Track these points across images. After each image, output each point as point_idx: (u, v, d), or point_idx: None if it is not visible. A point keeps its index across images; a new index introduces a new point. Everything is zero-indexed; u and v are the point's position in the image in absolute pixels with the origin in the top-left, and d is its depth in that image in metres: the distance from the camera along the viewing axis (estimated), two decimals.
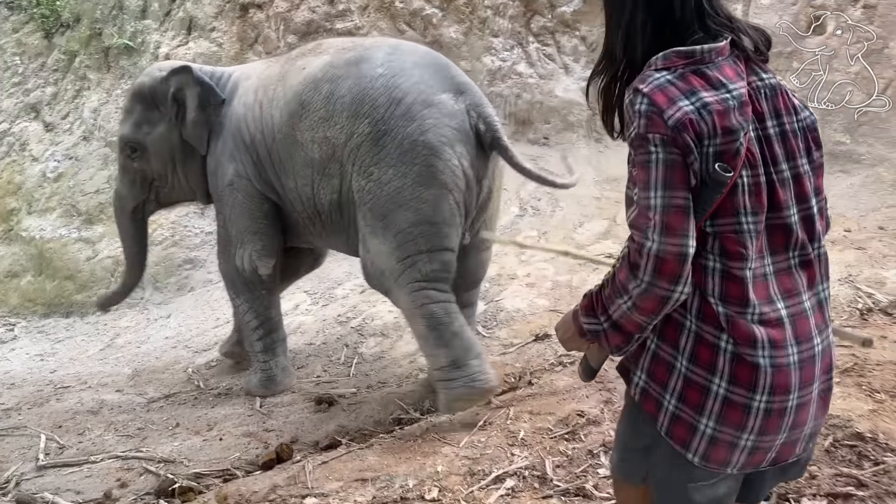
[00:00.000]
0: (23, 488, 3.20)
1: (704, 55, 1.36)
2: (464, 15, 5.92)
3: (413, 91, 3.24)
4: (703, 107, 1.31)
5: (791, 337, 1.38)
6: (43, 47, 6.66)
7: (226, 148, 3.74)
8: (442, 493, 2.77)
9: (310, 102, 3.40)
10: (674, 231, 1.30)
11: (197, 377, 4.23)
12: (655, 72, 1.35)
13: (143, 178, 3.99)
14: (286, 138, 3.50)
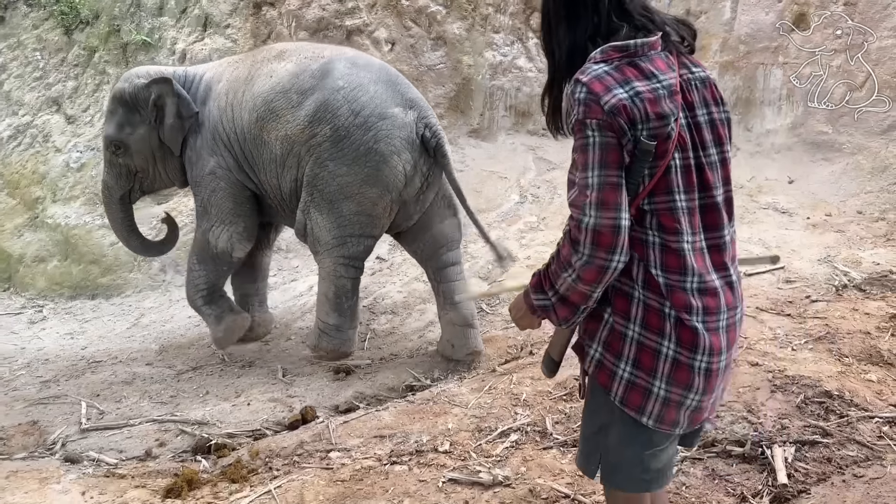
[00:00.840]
0: (69, 449, 3.51)
1: (638, 49, 1.52)
2: (466, 12, 6.20)
3: (370, 104, 3.90)
4: (635, 95, 1.47)
5: (723, 304, 1.56)
6: (63, 43, 6.93)
7: (205, 143, 4.24)
8: (453, 446, 3.08)
9: (278, 108, 4.00)
10: (608, 206, 1.44)
11: (221, 352, 4.52)
12: (594, 64, 1.51)
13: (128, 171, 4.49)
14: (255, 139, 4.08)
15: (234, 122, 4.13)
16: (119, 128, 4.37)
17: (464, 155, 6.19)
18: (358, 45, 6.14)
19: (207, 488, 2.95)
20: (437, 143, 3.96)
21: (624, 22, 1.55)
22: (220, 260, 4.30)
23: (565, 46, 1.59)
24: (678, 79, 1.54)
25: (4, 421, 3.81)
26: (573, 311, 1.57)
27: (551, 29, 1.62)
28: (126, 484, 3.05)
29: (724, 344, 1.56)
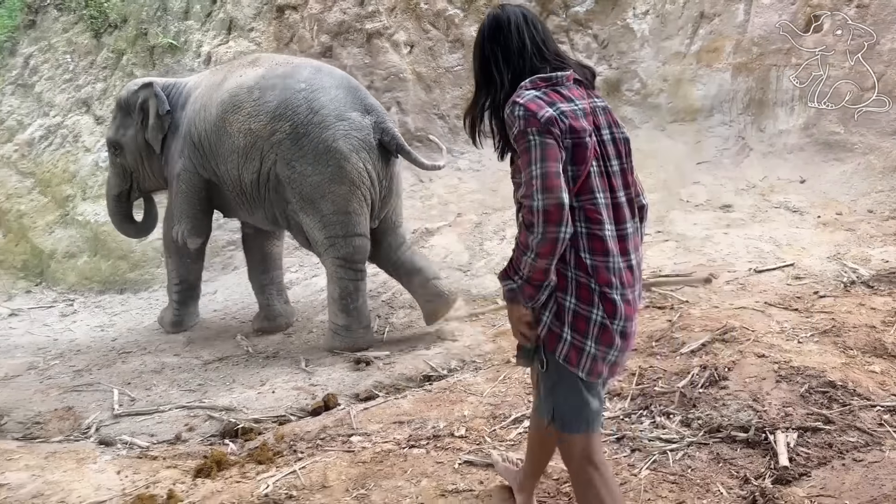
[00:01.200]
0: (102, 433, 3.69)
1: (559, 80, 1.97)
2: (483, 15, 6.33)
3: (329, 105, 4.20)
4: (561, 113, 1.88)
5: (631, 281, 1.97)
6: (92, 46, 7.15)
7: (177, 146, 4.69)
8: (468, 431, 3.22)
9: (241, 102, 4.34)
10: (552, 188, 1.81)
11: (245, 343, 4.69)
12: (526, 90, 1.93)
13: (124, 170, 5.03)
14: (218, 129, 4.42)
15: (205, 119, 4.50)
16: (116, 130, 4.95)
17: (480, 155, 6.32)
18: (377, 48, 6.30)
19: (235, 469, 3.10)
20: (396, 144, 4.34)
21: (544, 64, 2.01)
22: (182, 252, 4.85)
23: (499, 82, 2.01)
24: (588, 104, 1.97)
25: (41, 406, 4.00)
26: (537, 289, 1.93)
27: (488, 68, 2.04)
28: (158, 464, 3.22)
29: (631, 312, 1.98)
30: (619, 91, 6.24)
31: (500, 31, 2.04)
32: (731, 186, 5.75)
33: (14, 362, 4.80)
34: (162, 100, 4.71)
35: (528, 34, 2.03)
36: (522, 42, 2.02)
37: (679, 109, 6.17)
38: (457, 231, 5.78)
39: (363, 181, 4.22)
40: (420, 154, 4.80)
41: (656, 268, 4.72)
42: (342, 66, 6.30)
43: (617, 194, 1.96)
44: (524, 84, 1.95)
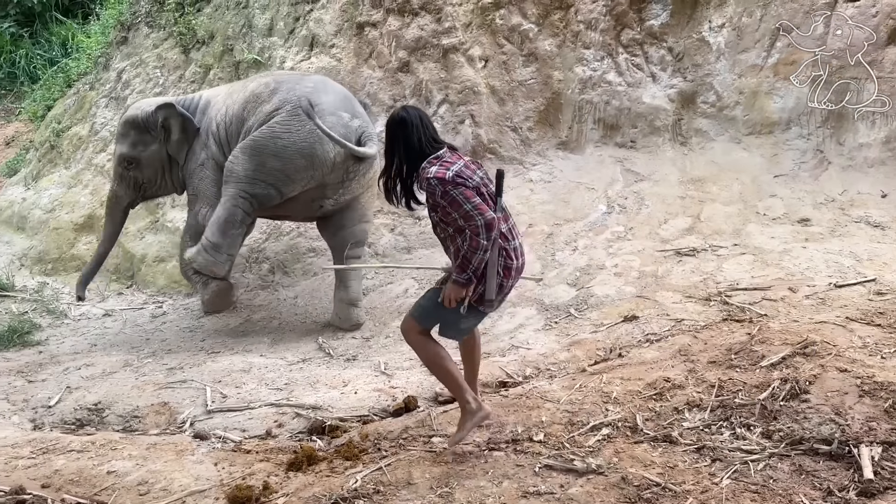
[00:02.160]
0: (197, 427, 3.91)
1: (444, 154, 3.10)
2: (558, 29, 6.44)
3: (324, 103, 5.05)
4: (457, 171, 3.02)
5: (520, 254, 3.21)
6: (181, 61, 7.53)
7: (200, 141, 5.42)
8: (547, 436, 3.30)
9: (258, 93, 5.21)
10: (483, 210, 2.96)
11: (327, 346, 4.89)
12: (431, 166, 3.04)
13: (135, 182, 5.59)
14: (237, 119, 5.24)
15: (226, 115, 5.31)
16: (132, 146, 5.45)
17: (552, 167, 6.41)
18: (453, 63, 6.46)
19: (325, 464, 3.27)
20: (365, 142, 5.11)
21: (429, 146, 3.10)
22: (200, 235, 5.30)
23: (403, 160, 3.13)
24: (465, 161, 3.14)
25: (138, 401, 4.26)
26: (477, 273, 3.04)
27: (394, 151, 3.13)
28: (252, 458, 3.41)
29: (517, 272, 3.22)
30: (693, 104, 6.23)
31: (404, 127, 3.11)
32: (809, 200, 5.67)
33: (111, 359, 5.10)
34: (189, 119, 5.38)
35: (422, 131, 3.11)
36: (418, 136, 3.10)
37: (755, 122, 6.12)
38: (528, 241, 5.84)
39: (323, 166, 5.04)
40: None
41: (734, 281, 4.71)
42: (418, 80, 6.50)
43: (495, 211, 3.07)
44: (426, 163, 3.07)
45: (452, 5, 6.47)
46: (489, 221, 2.94)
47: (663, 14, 6.31)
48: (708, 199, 5.76)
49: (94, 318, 6.10)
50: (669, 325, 4.29)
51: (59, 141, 8.00)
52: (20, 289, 6.58)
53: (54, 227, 7.10)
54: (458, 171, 3.01)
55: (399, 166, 3.13)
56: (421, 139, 3.09)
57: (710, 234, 5.41)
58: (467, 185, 3.00)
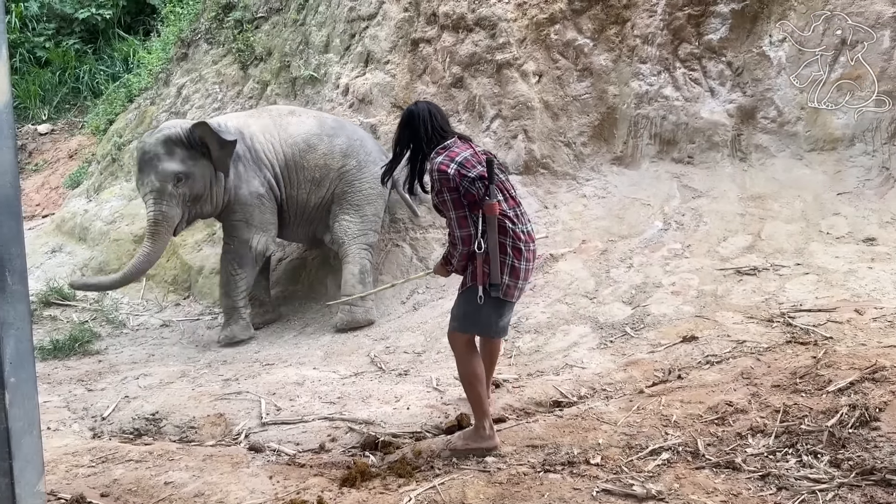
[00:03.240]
0: (252, 439, 3.94)
1: (452, 143, 3.36)
2: (613, 44, 6.37)
3: (373, 149, 6.16)
4: (460, 161, 3.28)
5: (532, 238, 3.42)
6: (239, 77, 7.70)
7: (249, 169, 5.76)
8: (604, 459, 3.23)
9: (315, 145, 5.94)
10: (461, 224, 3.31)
11: (378, 360, 4.89)
12: (437, 156, 3.32)
13: (184, 200, 5.61)
14: (295, 165, 5.89)
15: (275, 154, 5.85)
16: (182, 162, 5.55)
17: (606, 182, 6.33)
18: (507, 78, 6.45)
19: (378, 480, 3.25)
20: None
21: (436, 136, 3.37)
22: (257, 261, 5.82)
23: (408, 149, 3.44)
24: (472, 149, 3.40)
25: (195, 412, 4.31)
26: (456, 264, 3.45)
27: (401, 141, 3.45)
28: (306, 472, 3.41)
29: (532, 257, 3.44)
30: (753, 119, 6.09)
31: (412, 119, 3.40)
32: (874, 219, 5.47)
33: (168, 369, 5.20)
34: (224, 131, 5.58)
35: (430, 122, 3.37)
36: (425, 127, 3.36)
37: (818, 138, 5.94)
38: (582, 258, 5.79)
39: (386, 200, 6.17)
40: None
41: (797, 302, 4.57)
42: (472, 96, 6.50)
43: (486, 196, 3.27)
44: (435, 152, 3.35)
45: (507, 21, 6.46)
46: (464, 237, 3.30)
47: (722, 28, 6.20)
48: (769, 217, 5.61)
49: (152, 329, 6.23)
50: (730, 346, 4.17)
51: (120, 154, 8.24)
52: (81, 298, 6.76)
53: (114, 238, 7.29)
54: (461, 161, 3.26)
55: (408, 154, 3.44)
56: (428, 130, 3.35)
57: (772, 252, 5.26)
58: (469, 175, 3.24)
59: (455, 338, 3.49)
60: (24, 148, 10.55)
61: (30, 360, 2.60)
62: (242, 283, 5.76)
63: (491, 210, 3.25)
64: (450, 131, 3.43)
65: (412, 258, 6.24)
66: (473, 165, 3.28)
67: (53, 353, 5.68)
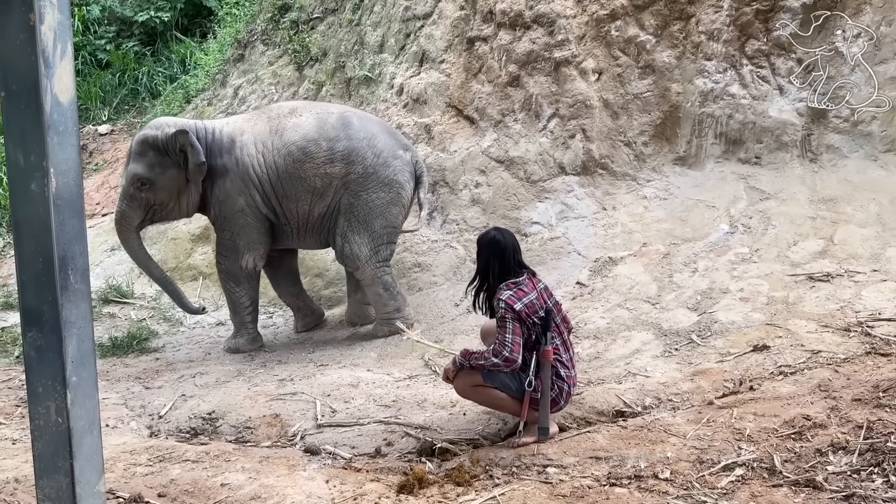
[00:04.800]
0: (307, 441, 3.89)
1: (523, 281, 3.55)
2: (677, 40, 6.17)
3: (385, 148, 5.40)
4: (527, 303, 3.47)
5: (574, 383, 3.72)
6: (295, 78, 7.71)
7: (234, 185, 5.31)
8: (673, 474, 3.07)
9: (312, 153, 5.28)
10: (514, 349, 3.43)
11: (433, 363, 4.80)
12: (507, 290, 3.50)
13: (146, 204, 5.35)
14: (291, 176, 5.30)
15: (265, 165, 5.31)
16: (150, 168, 5.24)
17: (668, 183, 6.12)
18: (565, 76, 6.30)
19: (435, 488, 3.15)
20: (420, 173, 5.60)
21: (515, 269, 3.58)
22: (251, 277, 5.54)
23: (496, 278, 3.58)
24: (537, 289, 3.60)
25: (251, 412, 4.29)
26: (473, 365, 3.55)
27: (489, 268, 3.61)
28: (363, 477, 3.34)
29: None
30: (825, 118, 5.81)
31: (500, 249, 3.59)
32: None
33: (224, 368, 5.20)
34: (198, 150, 5.19)
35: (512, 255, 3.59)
36: (511, 259, 3.58)
37: (894, 138, 5.65)
38: (642, 261, 5.61)
39: (407, 204, 5.58)
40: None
41: (875, 310, 4.32)
42: (528, 94, 6.37)
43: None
44: (502, 286, 3.52)
45: (566, 18, 6.31)
46: (508, 359, 3.40)
47: (792, 23, 5.94)
48: (841, 221, 5.34)
49: (208, 327, 6.26)
50: (805, 356, 3.96)
51: None
52: (139, 296, 6.85)
53: (172, 237, 7.37)
54: (528, 303, 3.47)
55: (491, 283, 3.59)
56: (510, 263, 3.56)
57: (846, 258, 5.00)
58: (532, 318, 3.46)
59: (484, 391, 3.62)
60: (84, 148, 10.79)
61: (91, 359, 2.57)
62: (245, 298, 5.56)
63: (546, 356, 3.45)
64: (525, 265, 3.66)
65: (465, 260, 6.13)
66: (536, 311, 3.48)
67: (112, 351, 5.74)
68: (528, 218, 6.15)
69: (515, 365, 3.41)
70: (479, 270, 3.67)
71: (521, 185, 6.28)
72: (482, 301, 3.68)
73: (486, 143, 6.35)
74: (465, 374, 3.58)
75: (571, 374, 3.62)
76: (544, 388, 3.46)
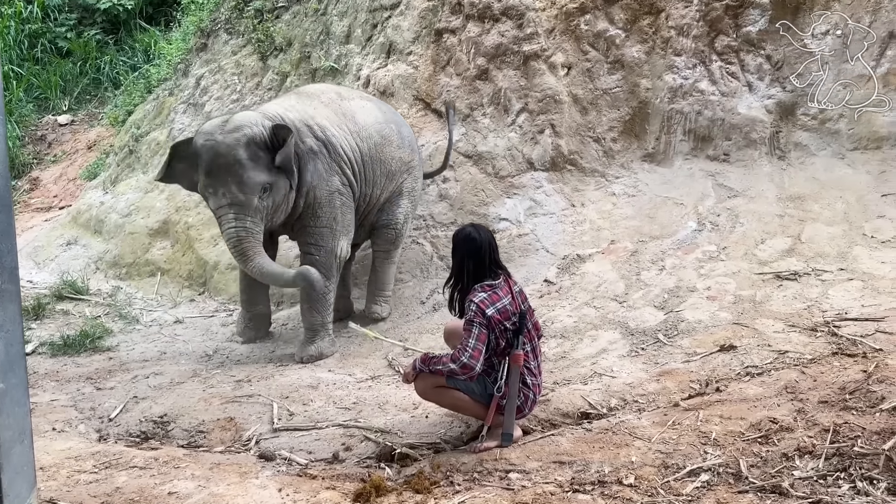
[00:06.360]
0: (262, 446, 3.74)
1: (499, 284, 3.39)
2: (647, 35, 6.10)
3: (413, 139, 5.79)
4: (499, 308, 3.32)
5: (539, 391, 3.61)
6: (258, 68, 7.51)
7: (326, 166, 4.96)
8: (638, 480, 2.98)
9: (389, 136, 5.34)
10: (474, 356, 3.27)
11: (396, 363, 4.67)
12: (482, 291, 3.34)
13: (266, 211, 4.75)
14: (373, 160, 5.24)
15: (350, 147, 5.10)
16: (268, 171, 4.64)
17: (637, 179, 6.06)
18: (534, 70, 6.20)
19: (393, 496, 3.03)
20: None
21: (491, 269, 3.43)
22: (340, 267, 5.20)
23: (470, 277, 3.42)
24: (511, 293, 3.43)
25: (205, 415, 4.13)
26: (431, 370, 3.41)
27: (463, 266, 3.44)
28: (318, 485, 3.20)
29: None
30: (793, 115, 5.79)
31: (473, 246, 3.42)
32: None
33: (179, 368, 5.02)
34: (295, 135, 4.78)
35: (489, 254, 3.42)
36: (488, 258, 3.42)
37: (861, 136, 5.64)
38: (610, 259, 5.54)
39: None
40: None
41: (842, 310, 4.29)
42: (497, 88, 6.26)
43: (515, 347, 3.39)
44: (476, 287, 3.37)
45: (535, 10, 6.21)
46: (466, 365, 3.25)
47: (761, 20, 5.90)
48: (809, 219, 5.31)
49: (166, 325, 6.07)
50: (772, 357, 3.90)
51: (137, 146, 8.10)
52: (94, 292, 6.62)
53: (130, 231, 7.15)
54: (500, 308, 3.33)
55: (465, 282, 3.43)
56: (486, 262, 3.41)
57: (813, 256, 4.97)
58: (504, 324, 3.33)
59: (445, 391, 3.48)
60: (43, 139, 10.47)
61: (21, 364, 2.40)
62: (331, 296, 5.07)
63: (516, 360, 3.34)
64: (502, 265, 3.50)
65: (433, 256, 6.02)
66: (508, 316, 3.34)
67: (63, 349, 5.52)
68: (496, 214, 6.05)
69: (472, 373, 3.27)
70: (453, 268, 3.51)
71: (489, 181, 6.17)
72: (457, 302, 3.52)
73: (454, 137, 6.22)
74: (426, 374, 3.45)
75: (537, 381, 3.52)
76: (511, 393, 3.35)
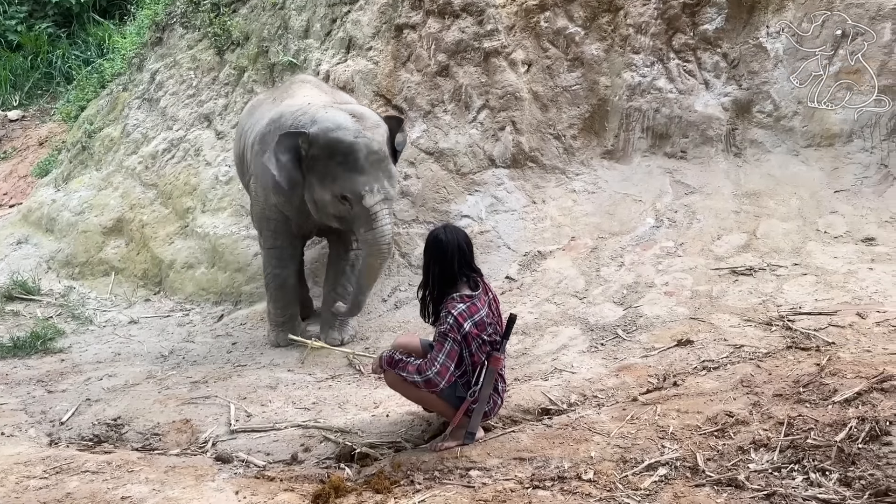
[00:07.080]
0: (219, 448, 3.68)
1: (477, 296, 3.27)
2: (606, 33, 6.14)
3: None
4: (476, 321, 3.23)
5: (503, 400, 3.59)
6: (215, 63, 7.37)
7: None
8: (597, 475, 3.00)
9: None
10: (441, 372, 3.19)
11: (357, 362, 4.63)
12: (460, 303, 3.22)
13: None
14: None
15: None
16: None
17: (596, 177, 6.10)
18: (494, 67, 6.20)
19: (353, 496, 3.00)
20: None
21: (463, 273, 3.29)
22: None
23: (437, 282, 3.31)
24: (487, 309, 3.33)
25: (160, 417, 4.05)
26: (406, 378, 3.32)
27: (430, 271, 3.31)
28: (275, 486, 3.16)
29: None
30: (749, 113, 5.88)
31: (438, 250, 3.27)
32: (873, 218, 5.29)
33: (134, 370, 4.92)
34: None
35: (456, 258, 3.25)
36: (457, 261, 3.25)
37: (815, 134, 5.75)
38: (571, 255, 5.57)
39: None
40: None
41: (796, 304, 4.37)
42: (458, 85, 6.24)
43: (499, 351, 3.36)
44: (454, 296, 3.23)
45: (495, 7, 6.20)
46: (430, 381, 3.19)
47: (718, 18, 5.98)
48: (764, 215, 5.41)
49: (120, 326, 5.93)
50: (728, 351, 3.96)
51: (90, 142, 7.90)
52: (46, 293, 6.45)
53: (82, 229, 6.97)
54: (478, 321, 3.23)
55: (432, 287, 3.31)
56: (452, 267, 3.25)
57: (768, 251, 5.06)
58: (481, 337, 3.25)
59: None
60: None
61: None
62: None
63: (496, 363, 3.30)
64: (476, 268, 3.36)
65: (393, 254, 5.98)
66: (485, 328, 3.27)
67: (13, 351, 5.37)
68: (457, 211, 6.03)
69: (436, 389, 3.22)
70: (423, 272, 3.37)
71: (450, 178, 6.15)
72: (430, 309, 3.36)
73: (415, 134, 6.19)
74: None
75: (505, 387, 3.56)
76: (482, 395, 3.30)
